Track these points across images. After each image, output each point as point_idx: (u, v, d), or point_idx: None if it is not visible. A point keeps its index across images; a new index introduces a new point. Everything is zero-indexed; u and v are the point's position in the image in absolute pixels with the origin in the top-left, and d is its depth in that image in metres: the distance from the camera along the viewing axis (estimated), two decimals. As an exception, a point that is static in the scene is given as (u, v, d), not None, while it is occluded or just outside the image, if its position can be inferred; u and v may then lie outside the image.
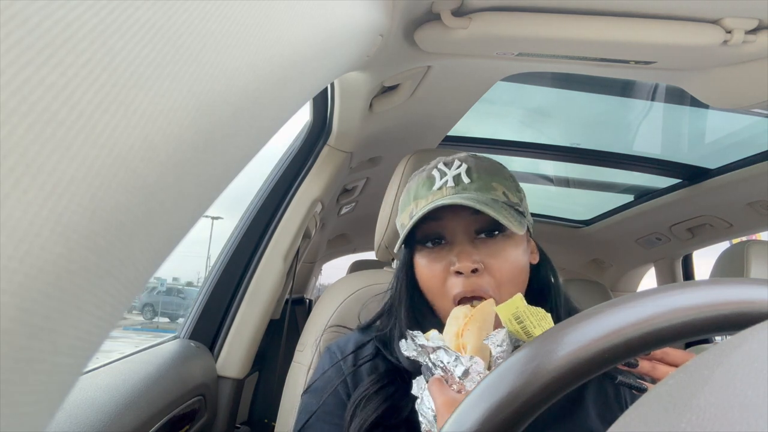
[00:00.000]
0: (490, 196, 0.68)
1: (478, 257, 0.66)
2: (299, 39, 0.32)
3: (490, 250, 0.68)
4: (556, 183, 2.23)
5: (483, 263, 0.66)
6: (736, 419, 0.15)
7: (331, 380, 0.73)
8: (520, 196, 0.74)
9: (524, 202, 0.74)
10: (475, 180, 0.70)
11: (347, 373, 0.72)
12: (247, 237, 1.28)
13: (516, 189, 0.73)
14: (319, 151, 1.34)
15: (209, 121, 0.22)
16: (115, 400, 0.70)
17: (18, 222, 0.14)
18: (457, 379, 0.54)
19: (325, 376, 0.74)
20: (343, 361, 0.74)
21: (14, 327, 0.15)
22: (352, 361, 0.74)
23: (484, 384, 0.30)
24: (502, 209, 0.66)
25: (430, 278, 0.70)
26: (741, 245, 1.35)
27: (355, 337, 0.78)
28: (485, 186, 0.69)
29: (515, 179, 0.75)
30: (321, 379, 0.74)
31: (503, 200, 0.69)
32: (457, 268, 0.66)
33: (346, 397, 0.71)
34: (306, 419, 0.71)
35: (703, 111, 1.53)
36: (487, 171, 0.72)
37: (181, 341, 1.10)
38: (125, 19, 0.18)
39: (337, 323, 0.94)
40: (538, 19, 0.82)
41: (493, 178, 0.71)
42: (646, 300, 0.31)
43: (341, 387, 0.72)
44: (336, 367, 0.74)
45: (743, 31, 0.79)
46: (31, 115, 0.15)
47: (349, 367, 0.73)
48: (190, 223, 0.24)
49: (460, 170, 0.71)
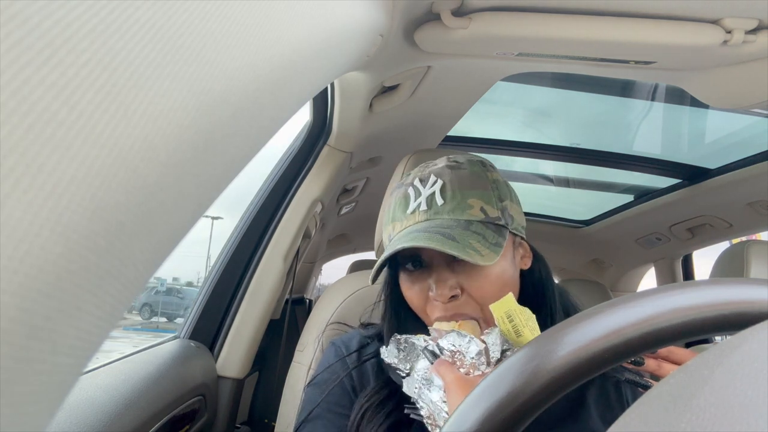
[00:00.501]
0: (464, 218, 0.65)
1: (455, 281, 0.65)
2: (299, 39, 0.32)
3: (468, 273, 0.65)
4: (556, 183, 2.23)
5: (462, 287, 0.65)
6: (736, 419, 0.15)
7: (336, 372, 0.73)
8: (503, 206, 0.69)
9: (509, 209, 0.69)
10: (449, 200, 0.66)
11: (352, 367, 0.73)
12: (247, 237, 1.28)
13: (498, 198, 0.69)
14: (319, 151, 1.34)
15: (209, 121, 0.22)
16: (115, 400, 0.70)
17: (18, 222, 0.14)
18: (470, 360, 0.57)
19: (330, 369, 0.74)
20: (348, 357, 0.75)
21: (14, 327, 0.15)
22: (356, 357, 0.75)
23: (484, 384, 0.30)
24: (472, 237, 0.63)
25: (412, 299, 0.69)
26: (741, 245, 1.35)
27: (358, 335, 0.79)
28: (459, 206, 0.66)
29: (501, 183, 0.71)
30: (326, 372, 0.74)
31: (479, 219, 0.66)
32: (434, 296, 0.65)
33: (351, 390, 0.71)
34: (310, 410, 0.71)
35: (703, 111, 1.53)
36: (464, 185, 0.68)
37: (181, 341, 1.10)
38: (125, 19, 0.18)
39: (338, 322, 0.94)
40: (538, 19, 0.82)
41: (471, 194, 0.67)
42: (646, 300, 0.31)
43: (347, 379, 0.72)
44: (341, 362, 0.74)
45: (743, 31, 0.79)
46: (31, 115, 0.15)
47: (354, 363, 0.74)
48: (190, 223, 0.24)
49: (435, 188, 0.67)
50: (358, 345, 0.76)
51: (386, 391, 0.68)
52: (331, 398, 0.71)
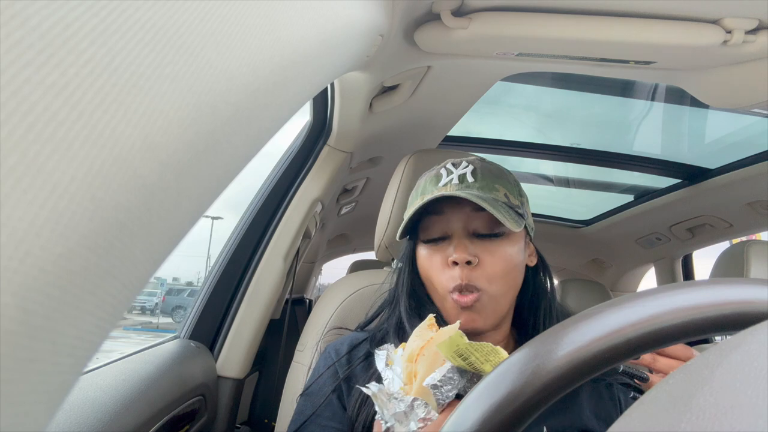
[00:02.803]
0: (491, 196, 0.72)
1: (473, 250, 0.71)
2: (299, 39, 0.32)
3: (486, 247, 0.72)
4: (556, 183, 2.23)
5: (478, 257, 0.71)
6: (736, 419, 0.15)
7: (325, 386, 0.73)
8: (522, 200, 0.76)
9: (526, 206, 0.77)
10: (479, 180, 0.73)
11: (342, 377, 0.73)
12: (247, 237, 1.28)
13: (519, 193, 0.76)
14: (319, 151, 1.34)
15: (209, 121, 0.22)
16: (115, 400, 0.70)
17: (18, 222, 0.14)
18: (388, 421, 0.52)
19: (320, 381, 0.75)
20: (338, 362, 0.75)
21: (14, 327, 0.15)
22: (346, 361, 0.75)
23: (484, 384, 0.30)
24: (500, 208, 0.70)
25: (429, 269, 0.74)
26: (741, 245, 1.35)
27: (351, 338, 0.79)
28: (488, 186, 0.73)
29: (519, 185, 0.79)
30: (316, 383, 0.75)
31: (503, 201, 0.72)
32: (453, 258, 0.70)
33: (340, 403, 0.71)
34: (300, 422, 0.72)
35: (703, 111, 1.53)
36: (492, 174, 0.75)
37: (181, 341, 1.10)
38: (125, 19, 0.18)
39: (338, 323, 0.94)
40: (538, 19, 0.82)
41: (497, 181, 0.74)
42: (646, 300, 0.31)
43: (335, 396, 0.72)
44: (331, 371, 0.75)
45: (743, 31, 0.79)
46: (31, 115, 0.15)
47: (344, 370, 0.74)
48: (190, 223, 0.24)
49: (466, 170, 0.74)
50: (349, 348, 0.77)
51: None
52: (322, 413, 0.71)
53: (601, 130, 1.85)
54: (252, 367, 1.24)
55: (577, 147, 1.82)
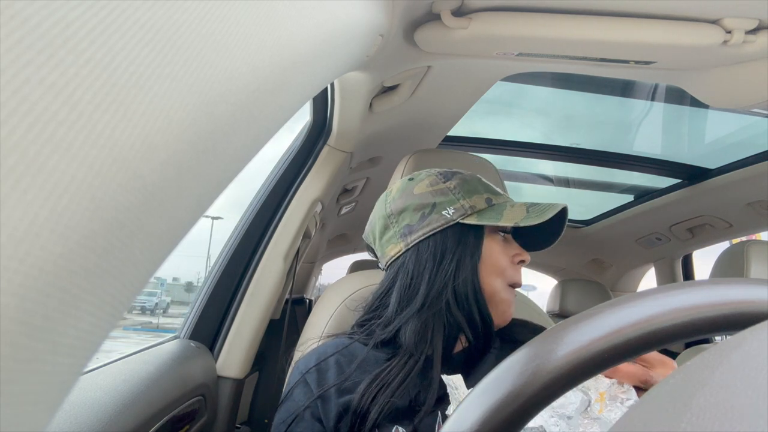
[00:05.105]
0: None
1: None
2: (299, 39, 0.32)
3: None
4: (556, 183, 2.23)
5: None
6: (736, 419, 0.15)
7: (299, 406, 0.71)
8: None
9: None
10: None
11: (317, 395, 0.70)
12: (247, 237, 1.28)
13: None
14: (319, 151, 1.34)
15: (209, 121, 0.22)
16: (115, 400, 0.70)
17: (18, 222, 0.14)
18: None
19: (293, 401, 0.72)
20: (308, 374, 0.73)
21: (14, 327, 0.15)
22: (315, 376, 0.72)
23: (484, 384, 0.30)
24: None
25: (502, 261, 0.78)
26: (741, 245, 1.35)
27: (319, 350, 0.77)
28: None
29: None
30: (290, 402, 0.73)
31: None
32: (523, 258, 0.80)
33: (318, 421, 0.69)
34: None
35: (703, 111, 1.53)
36: None
37: (181, 341, 1.10)
38: (125, 19, 0.18)
39: (337, 324, 0.94)
40: (538, 19, 0.82)
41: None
42: (646, 300, 0.31)
43: (308, 411, 0.70)
44: (303, 388, 0.72)
45: (743, 31, 0.79)
46: (31, 115, 0.15)
47: (317, 387, 0.71)
48: (190, 223, 0.24)
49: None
50: (316, 361, 0.74)
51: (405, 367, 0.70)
52: (296, 428, 0.70)
53: (601, 130, 1.85)
54: (252, 367, 1.24)
55: (577, 147, 1.82)
